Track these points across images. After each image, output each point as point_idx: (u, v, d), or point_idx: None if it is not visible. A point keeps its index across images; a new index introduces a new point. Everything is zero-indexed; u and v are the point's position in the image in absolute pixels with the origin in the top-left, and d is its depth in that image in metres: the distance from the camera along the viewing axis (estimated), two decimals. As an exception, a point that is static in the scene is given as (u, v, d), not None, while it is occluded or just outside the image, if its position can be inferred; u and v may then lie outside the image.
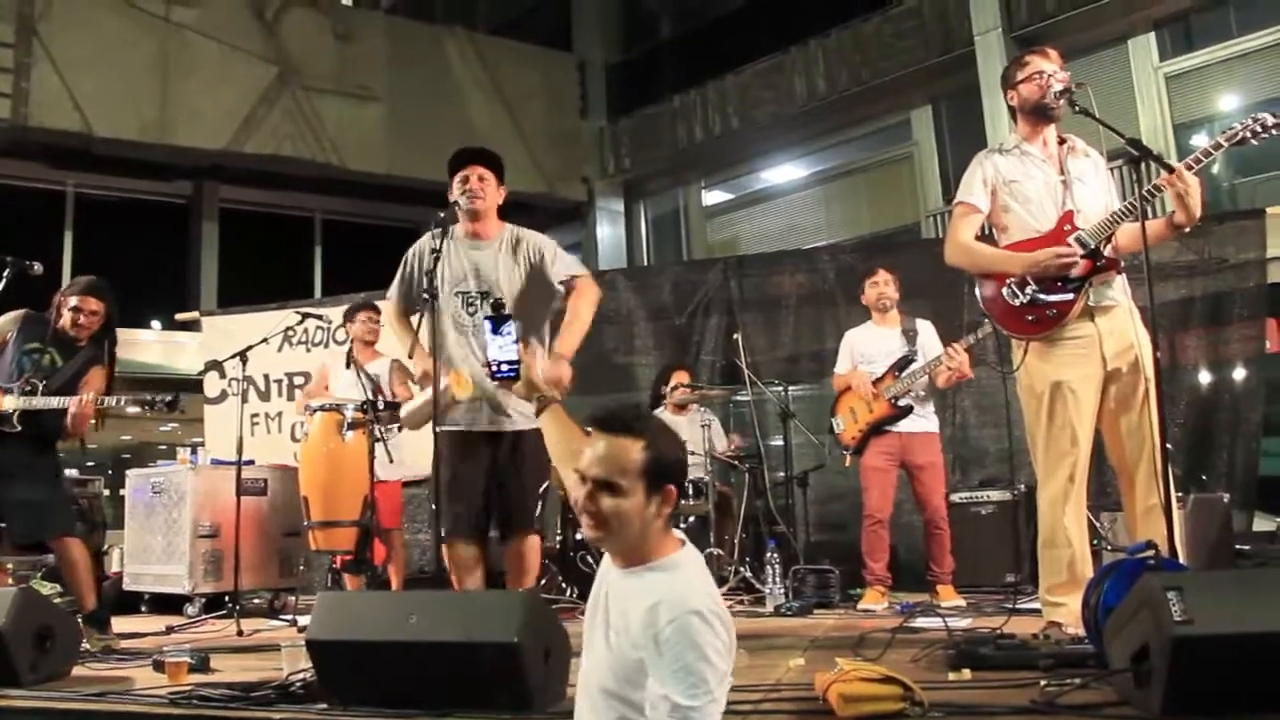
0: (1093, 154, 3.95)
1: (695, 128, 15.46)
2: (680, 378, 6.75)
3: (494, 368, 2.70)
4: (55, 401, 4.81)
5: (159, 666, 3.69)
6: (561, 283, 4.37)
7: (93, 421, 4.91)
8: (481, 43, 16.43)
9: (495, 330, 2.72)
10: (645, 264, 16.31)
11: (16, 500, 4.82)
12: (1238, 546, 5.68)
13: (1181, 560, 3.35)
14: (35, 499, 4.84)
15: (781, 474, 6.65)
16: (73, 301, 5.00)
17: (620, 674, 1.98)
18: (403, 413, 4.25)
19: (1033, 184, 3.89)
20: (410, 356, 4.41)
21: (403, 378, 6.01)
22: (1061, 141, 3.95)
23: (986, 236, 4.11)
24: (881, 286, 5.94)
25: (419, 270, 4.39)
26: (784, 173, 15.77)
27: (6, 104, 12.77)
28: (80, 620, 4.78)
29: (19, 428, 4.79)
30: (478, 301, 4.31)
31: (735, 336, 6.72)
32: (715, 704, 1.89)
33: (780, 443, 6.69)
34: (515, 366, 2.66)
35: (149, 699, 3.23)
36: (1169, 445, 3.67)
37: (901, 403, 5.78)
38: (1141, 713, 2.48)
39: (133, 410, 5.01)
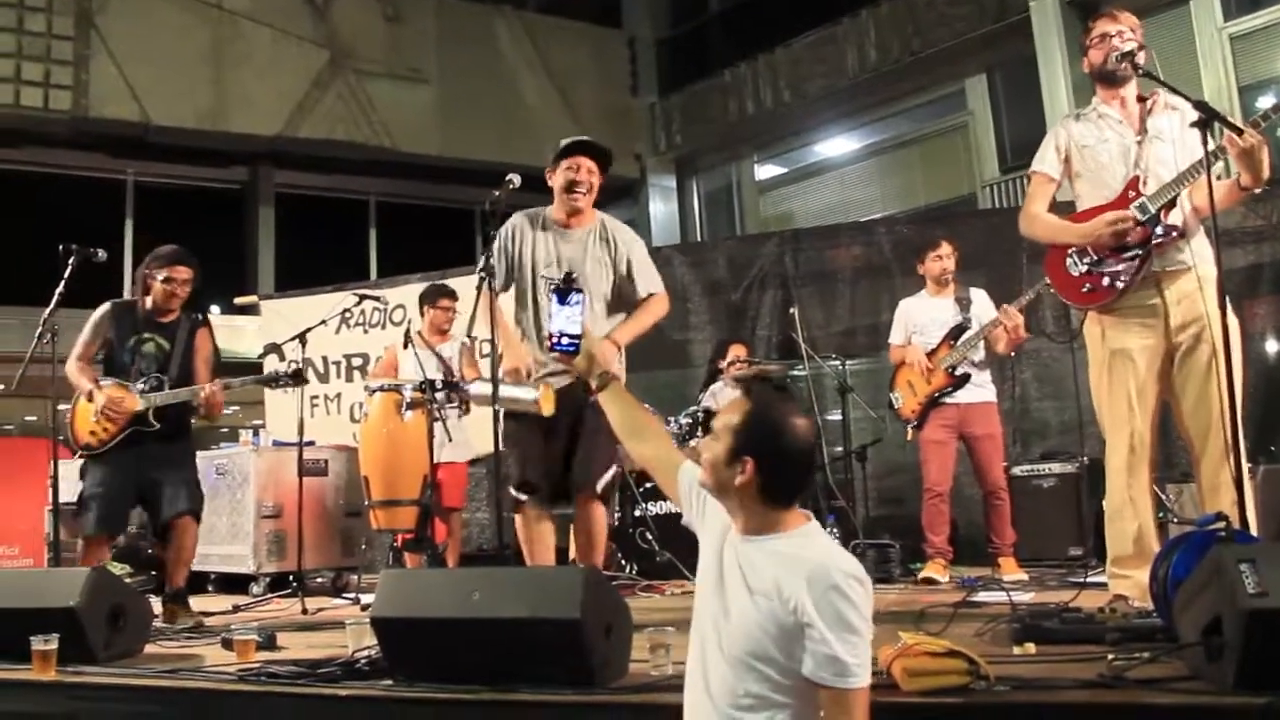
0: (1182, 106, 3.71)
1: (747, 102, 15.33)
2: (738, 351, 6.71)
3: (555, 339, 2.65)
4: (185, 393, 5.00)
5: (228, 644, 3.75)
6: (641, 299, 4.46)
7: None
8: (531, 21, 16.42)
9: (562, 301, 2.66)
10: (699, 240, 16.25)
11: (161, 485, 5.02)
12: (1310, 517, 5.55)
13: (1253, 533, 3.28)
14: (174, 482, 5.05)
15: (840, 448, 6.61)
16: (163, 274, 5.09)
17: (771, 635, 2.05)
18: (474, 390, 4.30)
19: (1105, 148, 3.81)
20: (471, 336, 4.49)
21: (471, 359, 6.10)
22: (1142, 100, 3.85)
23: (1070, 205, 4.04)
24: (945, 260, 5.86)
25: (513, 249, 4.44)
26: (837, 145, 15.60)
27: (67, 96, 13.00)
28: (168, 597, 5.00)
29: (157, 425, 4.98)
30: None
31: (791, 311, 6.68)
32: (869, 659, 2.03)
33: (838, 417, 6.65)
34: (576, 341, 2.63)
35: (219, 675, 3.28)
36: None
37: (959, 371, 5.72)
38: (1213, 687, 2.43)
39: (224, 413, 5.21)
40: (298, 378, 5.19)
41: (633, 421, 2.62)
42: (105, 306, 5.16)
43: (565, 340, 2.63)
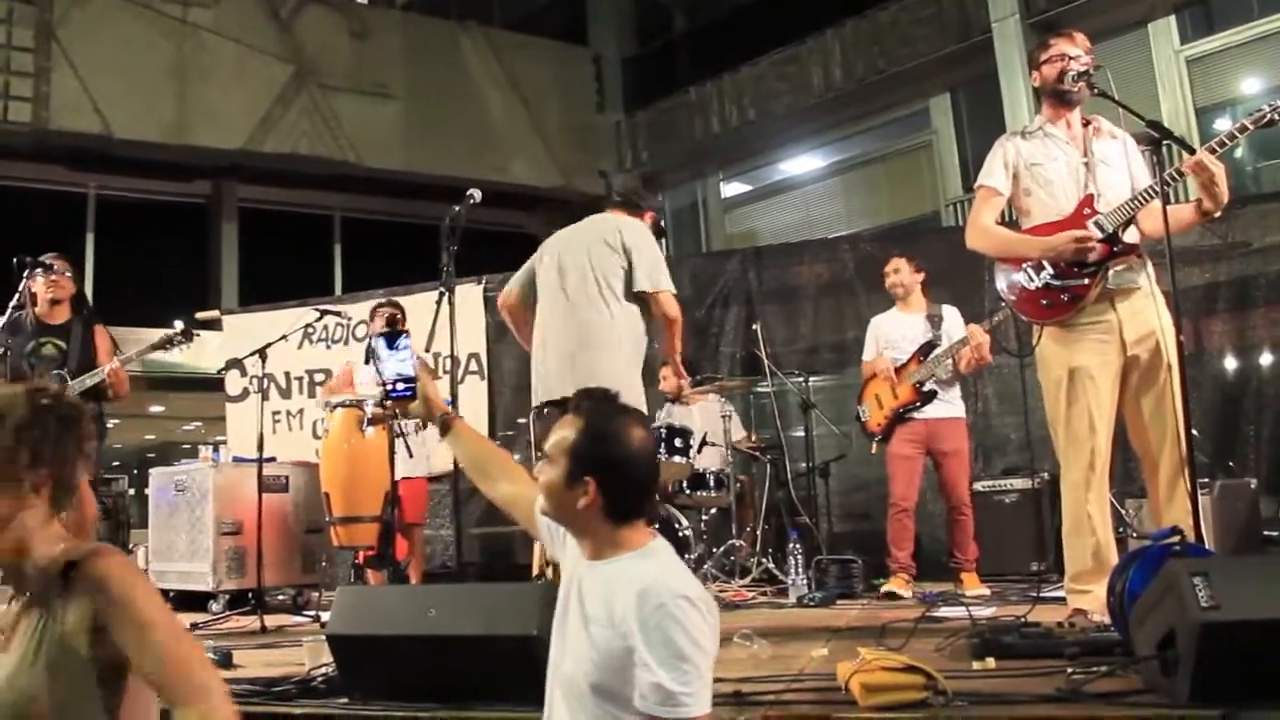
0: (1120, 135, 3.87)
1: (712, 120, 15.42)
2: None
3: (390, 386, 2.55)
4: (89, 377, 5.07)
5: (182, 663, 3.69)
6: None
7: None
8: (497, 38, 16.44)
9: (390, 346, 2.59)
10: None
11: None
12: (1265, 532, 5.62)
13: (1208, 546, 3.30)
14: None
15: (803, 465, 6.62)
16: (39, 271, 5.18)
17: (607, 666, 1.92)
18: None
19: (1055, 166, 3.84)
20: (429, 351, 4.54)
21: (429, 373, 6.10)
22: (1086, 124, 3.90)
23: (1012, 222, 4.07)
24: (892, 275, 5.94)
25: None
26: (802, 164, 15.72)
27: (27, 108, 12.89)
28: None
29: None
30: None
31: (755, 327, 6.71)
32: (706, 689, 1.88)
33: (801, 433, 6.65)
34: (412, 385, 2.53)
35: (171, 695, 3.22)
36: (1195, 431, 3.62)
37: (926, 387, 5.74)
38: (1168, 700, 2.44)
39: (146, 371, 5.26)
40: (188, 335, 5.30)
41: (482, 460, 2.47)
42: None
43: (401, 385, 2.54)
